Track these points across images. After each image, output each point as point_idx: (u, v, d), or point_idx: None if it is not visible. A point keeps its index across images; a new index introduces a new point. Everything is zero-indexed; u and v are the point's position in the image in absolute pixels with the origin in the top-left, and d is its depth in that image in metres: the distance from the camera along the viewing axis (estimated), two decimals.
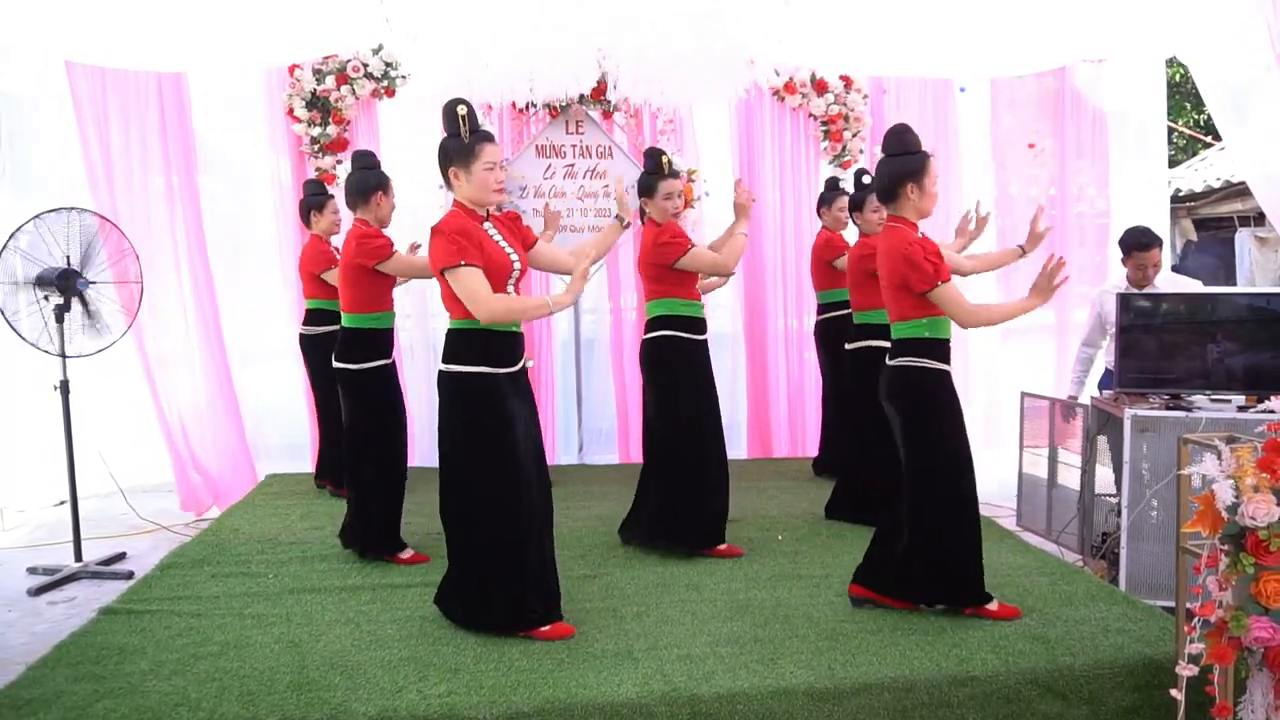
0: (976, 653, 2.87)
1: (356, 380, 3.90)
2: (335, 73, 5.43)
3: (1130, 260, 4.46)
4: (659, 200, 3.89)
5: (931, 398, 3.13)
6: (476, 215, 3.03)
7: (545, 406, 5.94)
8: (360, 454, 3.93)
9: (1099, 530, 4.27)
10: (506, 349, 3.04)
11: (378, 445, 3.91)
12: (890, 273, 3.13)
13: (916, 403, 3.14)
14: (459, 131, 2.96)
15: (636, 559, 3.90)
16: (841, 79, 5.90)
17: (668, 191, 3.88)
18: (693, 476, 3.90)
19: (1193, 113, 12.28)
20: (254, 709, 2.55)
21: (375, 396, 3.92)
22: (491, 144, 3.00)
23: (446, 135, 3.00)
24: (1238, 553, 2.29)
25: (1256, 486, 2.26)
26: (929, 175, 3.09)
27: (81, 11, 4.78)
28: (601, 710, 2.57)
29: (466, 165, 2.97)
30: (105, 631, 3.14)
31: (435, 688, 2.67)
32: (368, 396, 3.91)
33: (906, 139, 3.14)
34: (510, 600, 3.04)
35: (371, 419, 3.91)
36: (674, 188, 3.91)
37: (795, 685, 2.67)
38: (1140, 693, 2.77)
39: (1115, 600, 3.34)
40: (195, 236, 5.53)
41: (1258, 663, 2.35)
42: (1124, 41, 5.72)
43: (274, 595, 3.50)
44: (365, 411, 3.92)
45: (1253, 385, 3.91)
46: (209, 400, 5.62)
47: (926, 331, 3.11)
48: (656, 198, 3.89)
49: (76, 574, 4.37)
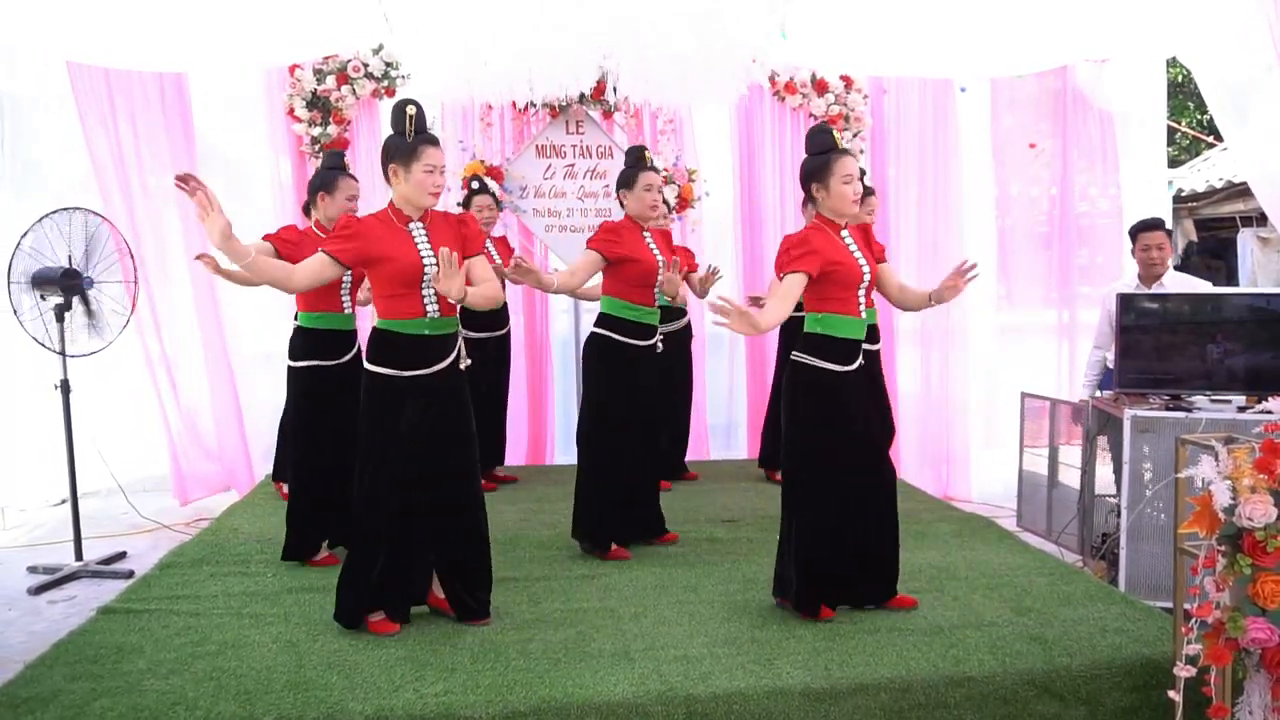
0: (973, 653, 2.87)
1: (295, 378, 3.91)
2: (336, 73, 5.44)
3: (1137, 243, 4.44)
4: (638, 191, 3.86)
5: (809, 397, 3.13)
6: (403, 216, 3.07)
7: (544, 406, 5.95)
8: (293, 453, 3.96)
9: (1099, 531, 4.26)
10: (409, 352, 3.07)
11: (301, 444, 3.89)
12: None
13: (792, 398, 3.16)
14: (405, 130, 3.01)
15: (634, 560, 3.89)
16: (842, 79, 5.90)
17: (648, 183, 3.87)
18: (597, 473, 3.91)
19: (1195, 113, 12.26)
20: (251, 708, 2.55)
21: (307, 396, 3.87)
22: (434, 147, 3.04)
23: (392, 133, 3.05)
24: (1235, 554, 2.29)
25: (1253, 487, 2.26)
26: (834, 174, 3.09)
27: (83, 12, 4.78)
28: (598, 710, 2.57)
29: (406, 164, 3.01)
30: (103, 630, 3.14)
31: (432, 687, 2.67)
32: (300, 396, 3.90)
33: (819, 139, 3.17)
34: (344, 588, 3.13)
35: (301, 418, 3.90)
36: (654, 180, 3.90)
37: (792, 686, 2.67)
38: (1138, 693, 2.76)
39: (1114, 601, 3.33)
40: (196, 236, 5.53)
41: (1255, 664, 2.35)
42: (1125, 41, 5.70)
43: (272, 595, 3.50)
44: (299, 409, 3.93)
45: (1253, 386, 3.91)
46: (210, 399, 5.62)
47: (819, 327, 3.12)
48: (636, 188, 3.86)
49: (76, 573, 4.38)
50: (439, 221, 3.13)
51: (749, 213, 5.98)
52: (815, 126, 3.26)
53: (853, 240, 3.18)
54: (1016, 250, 6.42)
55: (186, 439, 5.62)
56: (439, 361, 3.08)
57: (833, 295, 3.10)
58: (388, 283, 3.04)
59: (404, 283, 3.01)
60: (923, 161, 6.01)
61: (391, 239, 3.02)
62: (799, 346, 3.17)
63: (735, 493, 5.10)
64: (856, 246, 3.17)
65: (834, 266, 3.07)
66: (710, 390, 6.13)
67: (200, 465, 5.65)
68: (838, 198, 3.11)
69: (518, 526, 4.41)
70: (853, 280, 3.11)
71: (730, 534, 4.26)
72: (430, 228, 3.10)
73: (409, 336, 3.05)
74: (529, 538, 4.22)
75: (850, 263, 3.11)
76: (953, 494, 5.80)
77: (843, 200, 3.11)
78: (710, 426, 6.16)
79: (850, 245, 3.16)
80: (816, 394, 3.13)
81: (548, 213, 5.62)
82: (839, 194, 3.11)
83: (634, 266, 3.83)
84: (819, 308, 3.13)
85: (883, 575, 3.26)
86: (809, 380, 3.13)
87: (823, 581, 3.16)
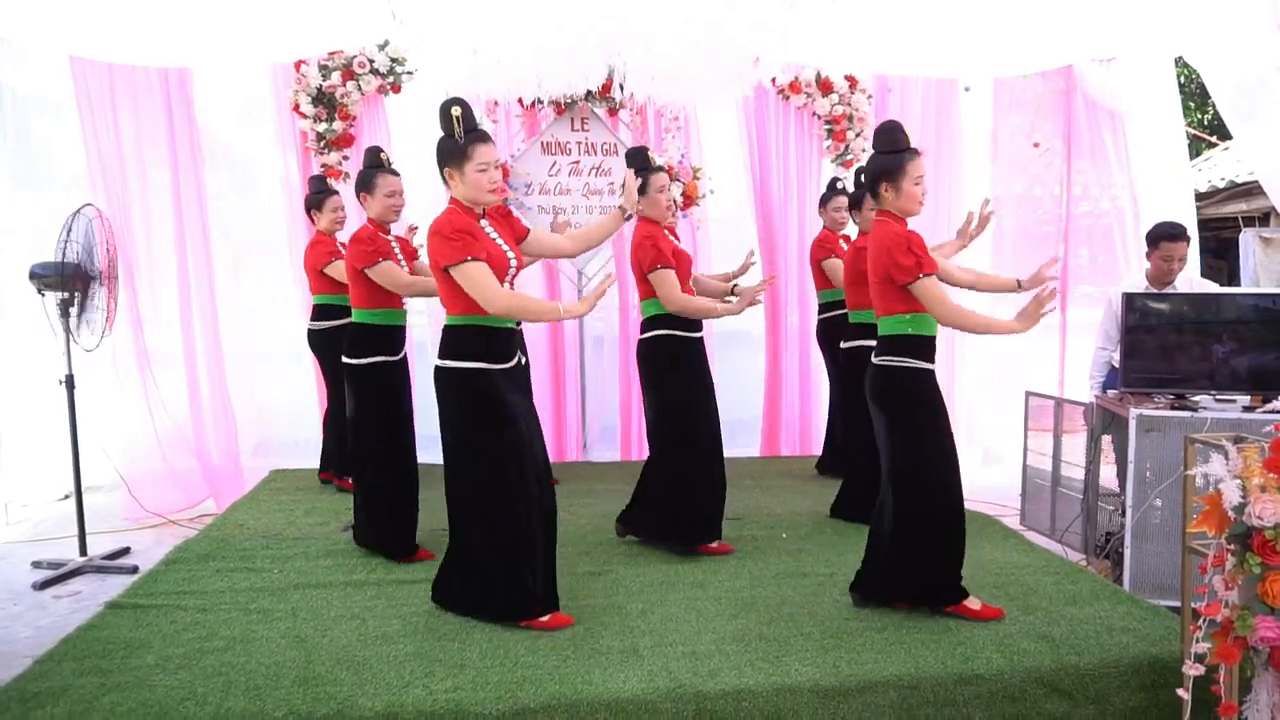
0: (981, 651, 2.87)
1: (359, 375, 3.91)
2: (341, 69, 5.43)
3: (1157, 251, 4.41)
4: (653, 194, 3.87)
5: (915, 398, 3.11)
6: (473, 213, 3.06)
7: (552, 403, 5.95)
8: (361, 450, 3.94)
9: (1103, 530, 4.27)
10: (504, 345, 3.07)
11: (374, 441, 3.90)
12: (875, 266, 3.14)
13: (899, 403, 3.13)
14: (454, 132, 2.99)
15: (641, 556, 3.90)
16: (846, 79, 5.90)
17: (661, 184, 3.88)
18: (687, 474, 3.90)
19: (1197, 113, 12.27)
20: (260, 703, 2.56)
21: (378, 392, 3.91)
22: (485, 144, 3.02)
23: (443, 136, 3.04)
24: (1244, 552, 2.29)
25: (1263, 486, 2.26)
26: (906, 175, 3.08)
27: (87, 7, 4.78)
28: (607, 706, 2.57)
29: (460, 166, 3.00)
30: (111, 626, 3.15)
31: (441, 683, 2.67)
32: (370, 392, 3.91)
33: (890, 137, 3.14)
34: (513, 590, 3.07)
35: (372, 415, 3.91)
36: (664, 180, 3.92)
37: (800, 683, 2.68)
38: (1146, 692, 2.77)
39: (1120, 600, 3.35)
40: (200, 232, 5.54)
41: (1263, 662, 2.35)
42: (1130, 41, 5.70)
43: (279, 590, 3.51)
44: (368, 407, 3.92)
45: (1258, 386, 3.91)
46: (209, 396, 5.62)
47: (910, 328, 3.10)
48: (650, 191, 3.87)
49: (81, 568, 4.38)
50: (496, 218, 3.18)
51: (764, 211, 5.99)
52: (884, 124, 3.20)
53: None
54: (1017, 249, 6.43)
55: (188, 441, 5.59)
56: (514, 356, 3.11)
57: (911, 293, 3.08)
58: None
59: (497, 279, 3.00)
60: (927, 160, 5.99)
61: (484, 236, 3.03)
62: (886, 350, 3.12)
63: (740, 490, 5.11)
64: None
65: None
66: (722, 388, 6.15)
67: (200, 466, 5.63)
68: (908, 198, 3.10)
69: None
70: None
71: (736, 531, 4.26)
72: (496, 226, 3.14)
73: (500, 330, 3.05)
74: None
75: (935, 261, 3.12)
76: None
77: (912, 201, 3.10)
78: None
79: None
80: (923, 397, 3.10)
81: (552, 209, 5.62)
82: (909, 194, 3.09)
83: (680, 265, 3.86)
84: (910, 308, 3.08)
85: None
86: (910, 383, 3.09)
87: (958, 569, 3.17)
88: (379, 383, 3.91)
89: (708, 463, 3.92)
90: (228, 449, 5.65)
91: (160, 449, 5.49)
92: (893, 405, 3.14)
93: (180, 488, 5.50)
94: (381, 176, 3.90)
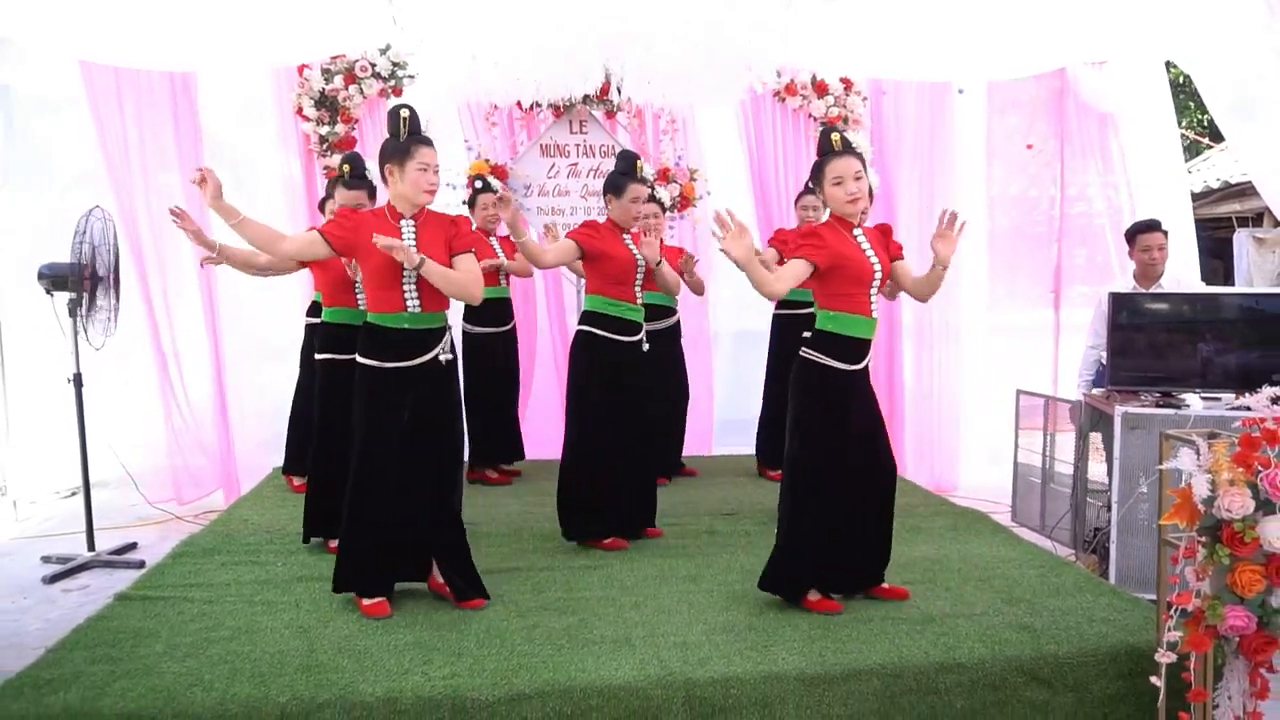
0: (964, 641, 2.95)
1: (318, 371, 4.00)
2: (343, 72, 5.52)
3: (1136, 246, 4.51)
4: (625, 201, 3.96)
5: (818, 393, 3.18)
6: (396, 214, 3.22)
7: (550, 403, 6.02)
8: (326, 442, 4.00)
9: (1091, 525, 4.34)
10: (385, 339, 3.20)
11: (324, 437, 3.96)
12: None
13: (801, 397, 3.22)
14: (399, 132, 3.16)
15: (636, 552, 3.98)
16: (841, 81, 5.98)
17: (635, 195, 3.96)
18: (569, 467, 4.02)
19: (1195, 113, 12.31)
20: (265, 689, 2.64)
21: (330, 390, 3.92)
22: (428, 147, 3.18)
23: (388, 136, 3.19)
24: (1214, 544, 2.36)
25: (1232, 480, 2.34)
26: (825, 177, 3.19)
27: (95, 12, 4.87)
28: (600, 693, 2.66)
29: (401, 164, 3.16)
30: (120, 616, 3.23)
31: (439, 670, 2.76)
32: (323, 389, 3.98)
33: (819, 142, 3.26)
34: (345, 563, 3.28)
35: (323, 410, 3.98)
36: (642, 193, 4.01)
37: (787, 671, 2.75)
38: (1124, 680, 2.84)
39: (1101, 591, 3.42)
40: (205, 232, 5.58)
41: (1233, 650, 2.43)
42: (1122, 44, 5.76)
43: (283, 583, 3.60)
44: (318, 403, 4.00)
45: (1244, 384, 3.98)
46: (214, 394, 5.70)
47: (831, 325, 3.18)
48: (624, 198, 3.96)
49: (89, 563, 4.47)
50: (431, 220, 3.27)
51: (763, 212, 6.06)
52: (821, 129, 3.35)
53: (866, 239, 3.24)
54: (1012, 249, 6.49)
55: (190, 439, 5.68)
56: (420, 355, 3.20)
57: (843, 292, 3.16)
58: (372, 276, 3.20)
59: (385, 276, 3.15)
60: (921, 162, 6.08)
61: (380, 233, 3.13)
62: (807, 343, 3.22)
63: (735, 486, 5.20)
64: (870, 245, 3.23)
65: (843, 261, 3.13)
66: (719, 386, 6.23)
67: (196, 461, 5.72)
68: (830, 199, 3.21)
69: (521, 519, 4.52)
70: (864, 277, 3.16)
71: (729, 526, 4.35)
72: (421, 226, 3.24)
73: (392, 330, 3.19)
74: (532, 530, 4.31)
75: (860, 259, 3.17)
76: (948, 489, 5.88)
77: (834, 201, 3.20)
78: (719, 422, 6.24)
79: (862, 243, 3.22)
80: (823, 391, 3.18)
81: (551, 211, 5.70)
82: (830, 195, 3.20)
83: (610, 263, 3.94)
84: (831, 305, 3.19)
85: (873, 563, 3.34)
86: (817, 377, 3.18)
87: (815, 571, 3.25)
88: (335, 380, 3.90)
89: (598, 460, 3.96)
90: (232, 446, 5.73)
91: (166, 446, 5.58)
92: (796, 395, 3.24)
93: (186, 484, 5.59)
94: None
